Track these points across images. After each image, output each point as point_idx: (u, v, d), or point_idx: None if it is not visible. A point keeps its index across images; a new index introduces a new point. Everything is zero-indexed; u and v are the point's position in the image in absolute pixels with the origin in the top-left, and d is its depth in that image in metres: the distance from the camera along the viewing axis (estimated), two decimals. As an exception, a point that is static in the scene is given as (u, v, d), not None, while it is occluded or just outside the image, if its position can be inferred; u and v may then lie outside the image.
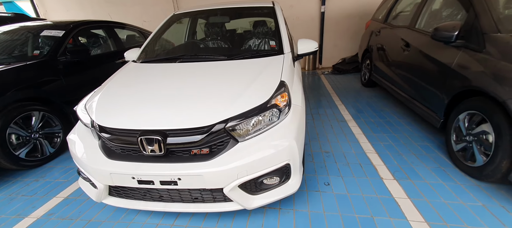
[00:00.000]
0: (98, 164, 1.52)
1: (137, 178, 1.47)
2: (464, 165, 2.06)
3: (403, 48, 3.08)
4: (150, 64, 2.23)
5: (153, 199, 1.62)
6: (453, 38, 2.17)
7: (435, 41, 2.40)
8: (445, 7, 2.79)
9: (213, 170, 1.40)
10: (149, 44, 2.58)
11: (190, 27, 3.40)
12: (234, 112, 1.46)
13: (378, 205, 1.78)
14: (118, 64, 3.76)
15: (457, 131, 2.16)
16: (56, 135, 2.78)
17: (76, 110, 1.83)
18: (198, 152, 1.46)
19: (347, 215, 1.70)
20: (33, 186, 2.26)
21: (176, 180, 1.44)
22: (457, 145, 2.16)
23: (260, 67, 1.91)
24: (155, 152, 1.44)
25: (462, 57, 2.13)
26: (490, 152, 1.81)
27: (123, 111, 1.60)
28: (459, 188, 1.90)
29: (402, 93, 3.12)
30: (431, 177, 2.04)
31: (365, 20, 6.29)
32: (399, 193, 1.88)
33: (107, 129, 1.54)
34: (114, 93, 1.83)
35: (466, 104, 2.05)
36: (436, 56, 2.42)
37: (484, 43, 1.95)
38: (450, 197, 1.81)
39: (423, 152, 2.40)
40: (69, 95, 2.90)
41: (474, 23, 2.11)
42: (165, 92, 1.70)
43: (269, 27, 2.83)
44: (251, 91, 1.61)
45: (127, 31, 4.39)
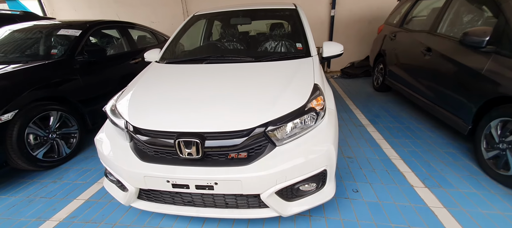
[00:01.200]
0: (131, 166, 1.47)
1: (172, 181, 1.42)
2: (496, 173, 2.01)
3: (424, 53, 3.03)
4: (176, 65, 2.19)
5: (185, 203, 1.56)
6: (484, 44, 2.13)
7: (463, 46, 2.36)
8: (469, 12, 2.76)
9: (252, 175, 1.35)
10: (171, 45, 2.54)
11: (206, 29, 3.36)
12: (273, 116, 1.41)
13: (413, 214, 1.72)
14: (132, 64, 3.72)
15: (488, 138, 2.11)
16: (72, 135, 2.73)
17: (105, 110, 1.78)
18: (235, 156, 1.41)
19: (383, 224, 1.64)
20: (51, 188, 2.20)
21: (213, 184, 1.39)
22: (488, 153, 2.11)
23: (291, 70, 1.86)
24: (192, 155, 1.39)
25: (494, 63, 2.08)
26: (527, 160, 1.76)
27: (159, 113, 1.55)
28: (493, 197, 1.84)
29: (423, 98, 3.07)
30: (463, 185, 1.98)
31: (375, 25, 6.29)
32: (433, 202, 1.82)
33: (142, 130, 1.49)
34: (146, 94, 1.78)
35: (499, 111, 2.00)
36: (464, 62, 2.37)
37: (519, 49, 1.91)
38: (486, 206, 1.75)
39: (450, 159, 2.34)
40: (85, 95, 2.86)
41: (505, 29, 2.07)
42: (200, 94, 1.66)
43: (290, 29, 2.79)
44: (287, 95, 1.56)
45: (138, 32, 4.36)
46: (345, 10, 6.11)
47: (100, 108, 3.05)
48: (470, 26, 2.65)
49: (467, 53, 2.35)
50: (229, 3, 4.99)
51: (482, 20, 2.59)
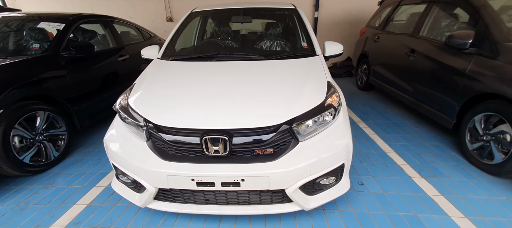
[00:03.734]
0: (153, 166, 1.41)
1: (197, 179, 1.39)
2: (480, 163, 2.24)
3: (408, 54, 3.27)
4: (184, 62, 2.13)
5: (207, 202, 1.53)
6: (467, 46, 2.36)
7: (448, 48, 2.59)
8: (448, 17, 3.03)
9: (280, 170, 1.36)
10: (172, 42, 2.47)
11: (201, 26, 3.30)
12: (298, 112, 1.45)
13: (416, 202, 1.86)
14: (119, 62, 3.54)
15: (472, 131, 2.34)
16: (61, 137, 2.52)
17: (116, 109, 1.68)
18: (262, 152, 1.42)
19: (392, 214, 1.75)
20: (43, 194, 2.02)
21: (239, 181, 1.39)
22: (472, 144, 2.34)
23: (303, 68, 1.91)
24: (219, 153, 1.37)
25: (477, 63, 2.31)
26: (508, 150, 1.98)
27: (183, 110, 1.50)
28: (481, 184, 2.05)
29: (408, 96, 3.30)
30: (454, 174, 2.18)
31: (355, 27, 6.61)
32: (432, 190, 1.98)
33: (165, 129, 1.43)
34: (162, 91, 1.71)
35: (483, 106, 2.23)
36: (448, 62, 2.60)
37: (498, 51, 2.14)
38: (477, 192, 1.95)
39: (437, 151, 2.56)
40: (73, 93, 2.66)
41: (485, 33, 2.31)
42: (219, 91, 1.64)
43: (293, 28, 2.84)
44: (307, 92, 1.61)
45: (122, 27, 4.13)
46: (327, 13, 6.35)
47: (88, 108, 2.88)
48: (448, 30, 2.92)
49: (452, 54, 2.58)
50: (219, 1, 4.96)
51: (458, 25, 2.87)
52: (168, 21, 6.80)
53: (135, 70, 3.86)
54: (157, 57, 2.32)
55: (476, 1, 2.55)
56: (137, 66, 3.97)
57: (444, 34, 2.92)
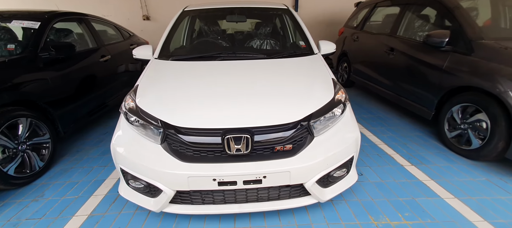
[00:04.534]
0: (172, 169, 1.38)
1: (218, 179, 1.38)
2: (459, 149, 2.49)
3: (388, 52, 3.51)
4: (187, 62, 2.08)
5: (226, 201, 1.53)
6: (444, 44, 2.61)
7: (425, 46, 2.83)
8: (424, 18, 3.32)
9: (301, 165, 1.41)
10: (168, 42, 2.40)
11: (190, 25, 3.22)
12: (314, 108, 1.50)
13: (412, 188, 2.02)
14: (102, 63, 3.33)
15: (450, 121, 2.60)
16: (45, 145, 2.32)
17: (124, 111, 1.60)
18: (281, 149, 1.45)
19: (393, 200, 1.89)
20: (35, 207, 1.85)
21: (261, 178, 1.41)
22: (451, 133, 2.59)
23: (306, 67, 1.99)
24: (241, 151, 1.38)
25: (452, 60, 2.57)
26: (485, 136, 2.24)
27: (201, 110, 1.48)
28: (463, 167, 2.29)
29: (389, 91, 3.55)
30: (438, 160, 2.40)
31: (332, 27, 6.91)
32: (423, 176, 2.17)
33: (183, 130, 1.40)
34: (174, 92, 1.67)
35: (460, 98, 2.48)
36: (427, 60, 2.85)
37: (472, 48, 2.41)
38: (461, 175, 2.18)
39: (421, 141, 2.79)
40: (55, 97, 2.45)
41: (460, 32, 2.57)
42: (233, 90, 1.64)
43: (288, 27, 2.91)
44: (318, 88, 1.68)
45: (99, 25, 3.89)
46: (305, 13, 6.55)
47: (71, 112, 2.68)
48: (424, 30, 3.20)
49: (429, 52, 2.83)
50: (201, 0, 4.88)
51: (432, 25, 3.16)
52: (144, 19, 6.52)
53: (118, 72, 3.68)
54: (154, 57, 2.23)
55: (449, 2, 2.82)
56: (120, 67, 3.78)
57: (419, 33, 3.20)
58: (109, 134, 3.07)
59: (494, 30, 2.66)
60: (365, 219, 1.72)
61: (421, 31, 3.24)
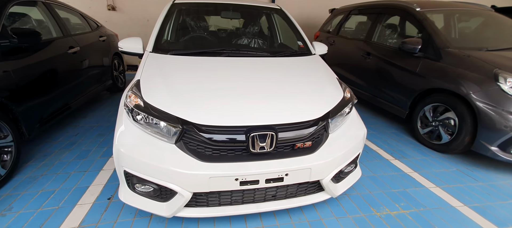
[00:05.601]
0: (191, 169, 1.28)
1: (241, 179, 1.33)
2: (431, 143, 2.81)
3: (364, 57, 3.79)
4: (190, 57, 1.96)
5: (244, 201, 1.48)
6: (417, 50, 2.92)
7: (400, 52, 3.13)
8: (395, 27, 3.67)
9: (321, 162, 1.44)
10: (162, 35, 2.23)
11: (175, 18, 3.04)
12: (331, 106, 1.55)
13: (400, 179, 2.21)
14: (70, 55, 2.95)
15: (423, 119, 2.91)
16: (7, 149, 1.96)
17: (130, 108, 1.44)
18: (301, 146, 1.46)
19: (388, 191, 2.05)
20: (2, 224, 1.55)
21: (283, 176, 1.39)
22: (423, 130, 2.91)
23: (310, 65, 2.04)
24: (265, 149, 1.35)
25: (424, 65, 2.88)
26: (453, 131, 2.56)
27: (223, 107, 1.40)
28: (436, 160, 2.58)
29: (365, 92, 3.83)
30: (416, 154, 2.67)
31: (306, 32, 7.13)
32: (407, 169, 2.38)
33: (205, 128, 1.31)
34: (187, 88, 1.55)
35: (431, 99, 2.79)
36: (402, 64, 3.15)
37: (441, 55, 2.73)
38: (436, 167, 2.45)
39: (397, 137, 3.07)
40: (18, 92, 2.10)
41: (429, 40, 2.90)
42: (251, 87, 1.59)
43: (281, 27, 2.93)
44: (329, 87, 1.73)
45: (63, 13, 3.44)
46: (281, 17, 6.70)
47: (37, 110, 2.32)
48: (396, 37, 3.54)
49: (404, 57, 3.13)
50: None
51: (401, 33, 3.51)
52: (109, 9, 5.95)
53: (88, 65, 3.29)
54: (149, 51, 2.06)
55: (419, 14, 3.16)
56: (91, 60, 3.39)
57: (393, 40, 3.52)
58: (83, 135, 2.75)
59: (458, 41, 3.04)
60: (368, 211, 1.82)
61: (394, 39, 3.58)
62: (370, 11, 4.10)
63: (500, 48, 2.72)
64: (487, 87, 2.31)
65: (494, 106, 2.24)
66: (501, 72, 2.27)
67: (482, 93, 2.33)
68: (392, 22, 3.74)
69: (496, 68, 2.32)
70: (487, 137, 2.29)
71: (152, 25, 6.48)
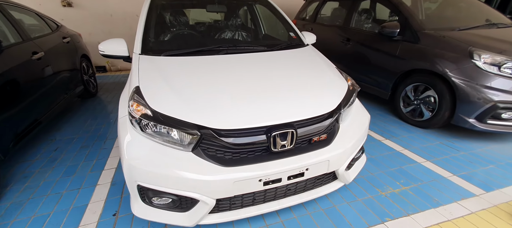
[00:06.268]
0: (214, 175, 1.24)
1: (264, 179, 1.32)
2: (413, 121, 3.02)
3: (344, 43, 3.91)
4: (187, 57, 1.84)
5: (265, 200, 1.47)
6: (395, 34, 3.08)
7: (380, 36, 3.27)
8: (372, 12, 3.81)
9: (337, 152, 1.47)
10: (149, 35, 2.07)
11: (159, 14, 2.83)
12: (341, 97, 1.57)
13: (395, 158, 2.36)
14: (35, 61, 2.63)
15: (405, 98, 3.11)
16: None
17: (137, 118, 1.33)
18: (318, 139, 1.47)
19: (388, 170, 2.18)
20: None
21: (304, 171, 1.41)
22: (406, 109, 3.11)
23: (310, 57, 2.05)
24: (286, 147, 1.34)
25: (403, 48, 3.06)
26: (434, 108, 2.78)
27: (239, 109, 1.36)
28: (421, 136, 2.79)
29: (347, 77, 3.97)
30: (402, 133, 2.86)
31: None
32: (398, 147, 2.55)
33: (224, 132, 1.27)
34: (196, 91, 1.46)
35: (412, 79, 2.99)
36: (381, 48, 3.31)
37: (419, 37, 2.91)
38: (422, 142, 2.65)
39: (382, 118, 3.26)
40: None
41: (406, 23, 3.07)
42: (260, 85, 1.56)
43: (270, 19, 2.87)
44: (334, 78, 1.75)
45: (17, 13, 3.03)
46: (255, 4, 6.60)
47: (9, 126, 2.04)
48: (371, 23, 3.70)
49: (384, 41, 3.28)
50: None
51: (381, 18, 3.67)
52: (65, 6, 5.35)
53: (55, 72, 2.96)
54: (138, 53, 1.90)
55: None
56: (58, 66, 3.05)
57: (367, 25, 3.67)
58: (63, 150, 2.50)
59: (432, 22, 3.24)
60: (374, 192, 1.93)
61: (371, 23, 3.72)
62: (346, -3, 4.20)
63: (470, 27, 2.96)
64: (463, 65, 2.52)
65: (470, 82, 2.46)
66: (475, 49, 2.49)
67: (459, 70, 2.54)
68: (367, 7, 3.88)
69: (470, 46, 2.53)
70: (465, 110, 2.53)
71: (116, 21, 6.05)
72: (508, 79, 2.36)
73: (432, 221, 1.65)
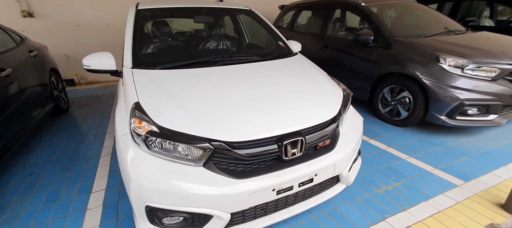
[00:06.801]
0: (229, 189, 1.24)
1: (277, 188, 1.34)
2: (392, 120, 3.26)
3: (322, 49, 4.11)
4: (184, 70, 1.80)
5: (277, 209, 1.49)
6: (370, 41, 3.32)
7: (356, 43, 3.50)
8: (343, 21, 4.07)
9: (341, 156, 1.54)
10: (138, 48, 2.00)
11: (145, 27, 2.73)
12: (339, 102, 1.66)
13: (382, 156, 2.53)
14: (3, 78, 2.39)
15: (382, 100, 3.35)
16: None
17: (144, 136, 1.26)
18: (323, 145, 1.53)
19: (379, 168, 2.32)
20: None
21: (313, 177, 1.45)
22: (384, 109, 3.35)
23: (301, 66, 2.12)
24: (296, 154, 1.37)
25: (377, 53, 3.30)
26: (409, 108, 3.03)
27: (250, 120, 1.37)
28: (400, 134, 3.02)
29: (327, 82, 4.16)
30: (384, 132, 3.07)
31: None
32: (383, 146, 2.73)
33: (236, 144, 1.28)
34: (204, 104, 1.44)
35: (388, 82, 3.23)
36: (358, 54, 3.54)
37: (390, 44, 3.18)
38: (403, 139, 2.87)
39: (365, 119, 3.42)
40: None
41: (378, 31, 3.33)
42: (264, 94, 1.58)
43: (257, 29, 2.92)
44: (330, 85, 1.84)
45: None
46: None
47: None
48: (343, 31, 3.95)
49: (360, 48, 3.52)
50: None
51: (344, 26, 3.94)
52: (25, 16, 4.91)
53: (24, 88, 2.69)
54: (129, 67, 1.82)
55: (365, 9, 3.58)
56: (27, 83, 2.79)
57: (341, 33, 3.92)
58: (40, 174, 2.27)
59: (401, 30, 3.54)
60: (370, 191, 2.04)
61: (345, 31, 3.97)
62: (321, 6, 4.43)
63: (433, 34, 3.30)
64: (431, 68, 2.79)
65: (439, 83, 2.73)
66: (441, 54, 2.77)
67: (428, 73, 2.80)
68: (343, 16, 4.13)
69: (436, 51, 2.82)
70: (437, 109, 2.79)
71: (85, 31, 5.75)
72: (471, 79, 2.66)
73: (426, 214, 1.79)
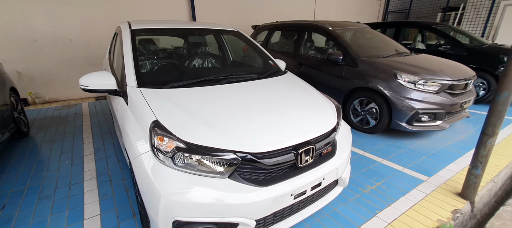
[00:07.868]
0: (255, 197, 1.35)
1: (295, 193, 1.49)
2: (363, 128, 3.69)
3: (297, 66, 4.48)
4: (193, 88, 1.87)
5: (292, 212, 1.62)
6: (340, 60, 3.77)
7: (328, 61, 3.93)
8: (312, 41, 4.53)
9: (342, 160, 1.77)
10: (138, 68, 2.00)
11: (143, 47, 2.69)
12: (335, 113, 1.90)
13: (362, 160, 2.86)
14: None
15: (353, 111, 3.78)
16: None
17: (171, 152, 1.30)
18: (326, 152, 1.73)
19: (362, 172, 2.63)
20: None
21: (322, 181, 1.63)
22: (355, 119, 3.77)
23: (294, 83, 2.35)
24: (308, 161, 1.55)
25: (346, 71, 3.75)
26: (377, 117, 3.48)
27: (269, 132, 1.51)
28: (371, 140, 3.43)
29: (301, 97, 4.51)
30: (358, 138, 3.45)
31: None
32: (360, 151, 3.08)
33: (260, 155, 1.41)
34: (224, 119, 1.53)
35: (357, 95, 3.67)
36: (330, 71, 3.96)
37: (357, 63, 3.65)
38: (374, 144, 3.27)
39: (337, 129, 3.83)
40: None
41: (345, 52, 3.80)
42: (276, 109, 1.74)
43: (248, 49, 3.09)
44: (323, 98, 2.08)
45: None
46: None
47: None
48: (314, 50, 4.40)
49: (331, 65, 3.94)
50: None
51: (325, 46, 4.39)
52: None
53: None
54: (134, 86, 1.82)
55: (332, 32, 4.07)
56: None
57: (311, 52, 4.37)
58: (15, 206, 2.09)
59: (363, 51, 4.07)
60: (358, 191, 2.31)
61: (314, 51, 4.42)
62: (292, 28, 4.85)
63: (388, 55, 3.89)
64: (391, 83, 3.30)
65: (398, 95, 3.23)
66: (397, 71, 3.30)
67: (389, 87, 3.30)
68: (309, 37, 4.60)
69: (393, 69, 3.34)
70: (398, 117, 3.27)
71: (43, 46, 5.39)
72: (422, 92, 3.21)
73: (407, 206, 2.10)
